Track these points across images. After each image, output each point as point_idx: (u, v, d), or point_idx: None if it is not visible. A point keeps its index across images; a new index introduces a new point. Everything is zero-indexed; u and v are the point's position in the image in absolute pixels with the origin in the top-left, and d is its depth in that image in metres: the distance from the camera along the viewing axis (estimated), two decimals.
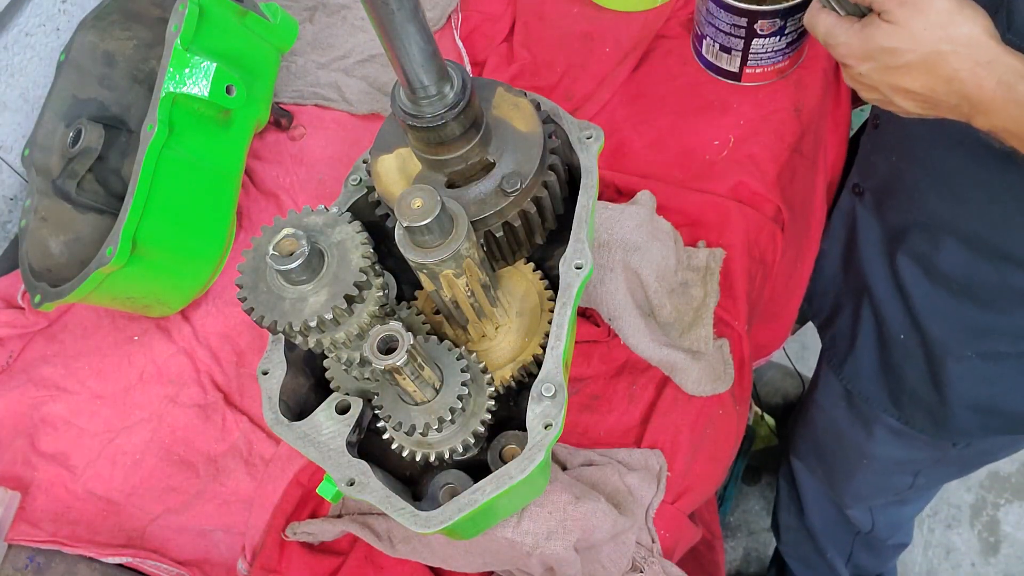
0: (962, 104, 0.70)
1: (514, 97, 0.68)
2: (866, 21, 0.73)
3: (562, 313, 0.67)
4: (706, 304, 0.97)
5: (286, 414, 0.67)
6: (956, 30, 0.68)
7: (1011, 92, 0.66)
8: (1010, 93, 0.66)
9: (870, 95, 0.78)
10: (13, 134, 1.13)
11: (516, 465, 0.62)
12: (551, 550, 0.76)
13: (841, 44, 0.76)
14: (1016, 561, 1.93)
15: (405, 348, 0.57)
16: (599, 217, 0.93)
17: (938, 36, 0.68)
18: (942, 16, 0.68)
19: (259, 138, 1.17)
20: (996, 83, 0.67)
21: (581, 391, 0.94)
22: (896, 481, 1.29)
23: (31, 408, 1.02)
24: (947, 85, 0.70)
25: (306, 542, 0.90)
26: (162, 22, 0.97)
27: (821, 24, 0.77)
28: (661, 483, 0.87)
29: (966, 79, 0.68)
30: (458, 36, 1.23)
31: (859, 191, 1.12)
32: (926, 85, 0.71)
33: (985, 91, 0.68)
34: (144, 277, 0.95)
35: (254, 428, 0.98)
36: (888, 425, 1.15)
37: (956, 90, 0.69)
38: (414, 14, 0.52)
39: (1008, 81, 0.66)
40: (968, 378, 1.00)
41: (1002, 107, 0.67)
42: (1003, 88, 0.66)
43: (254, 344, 1.04)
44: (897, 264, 1.02)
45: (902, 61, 0.71)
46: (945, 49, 0.68)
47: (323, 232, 0.62)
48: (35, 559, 0.93)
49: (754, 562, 1.98)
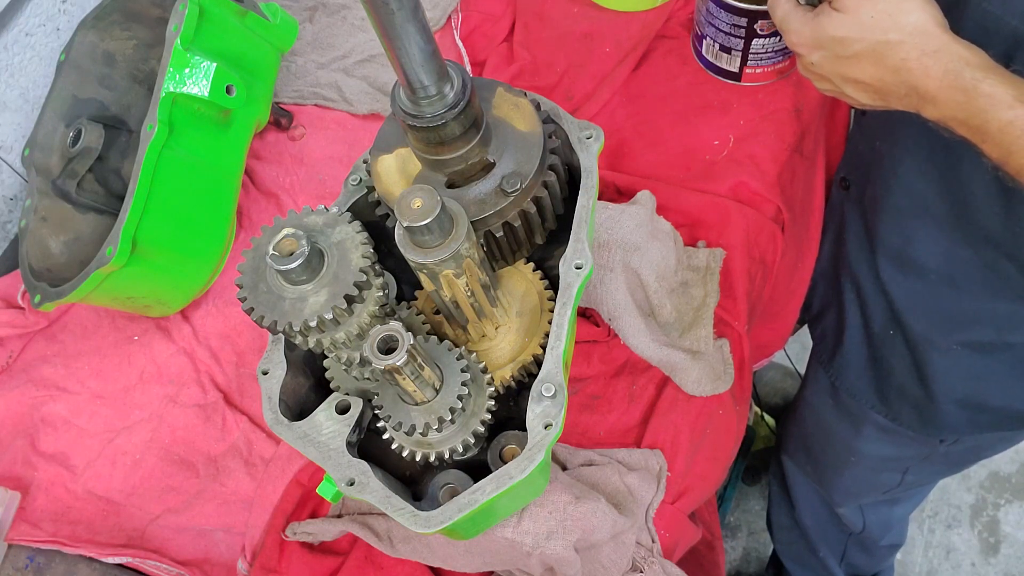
0: (911, 94, 0.70)
1: (514, 97, 0.68)
2: (819, 10, 0.73)
3: (562, 313, 0.67)
4: (706, 304, 0.97)
5: (286, 414, 0.67)
6: (904, 19, 0.68)
7: (958, 80, 0.65)
8: (957, 81, 0.66)
9: (822, 85, 0.78)
10: (13, 134, 1.13)
11: (516, 465, 0.62)
12: (551, 550, 0.76)
13: (793, 32, 0.75)
14: (1016, 561, 1.93)
15: (405, 348, 0.57)
16: (599, 217, 0.93)
17: (886, 25, 0.68)
18: (890, 5, 0.68)
19: (259, 138, 1.17)
20: (943, 72, 0.66)
21: (581, 391, 0.94)
22: (885, 479, 1.29)
23: (31, 408, 1.02)
24: (895, 75, 0.69)
25: (306, 542, 0.90)
26: (162, 22, 0.97)
27: (779, 9, 0.77)
28: (661, 483, 0.87)
29: (914, 68, 0.68)
30: (458, 36, 1.23)
31: (845, 185, 1.13)
32: (875, 75, 0.71)
33: (932, 80, 0.67)
34: (144, 277, 0.95)
35: (254, 428, 0.98)
36: (876, 422, 1.15)
37: (904, 80, 0.69)
38: (414, 14, 0.52)
39: (954, 69, 0.66)
40: (953, 372, 1.00)
41: (949, 96, 0.66)
42: (950, 77, 0.66)
43: (254, 344, 1.04)
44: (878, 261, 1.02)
45: (851, 51, 0.71)
46: (893, 39, 0.68)
47: (323, 232, 0.62)
48: (35, 559, 0.93)
49: (754, 562, 1.99)
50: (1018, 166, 0.65)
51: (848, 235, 1.09)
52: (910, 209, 0.96)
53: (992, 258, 0.90)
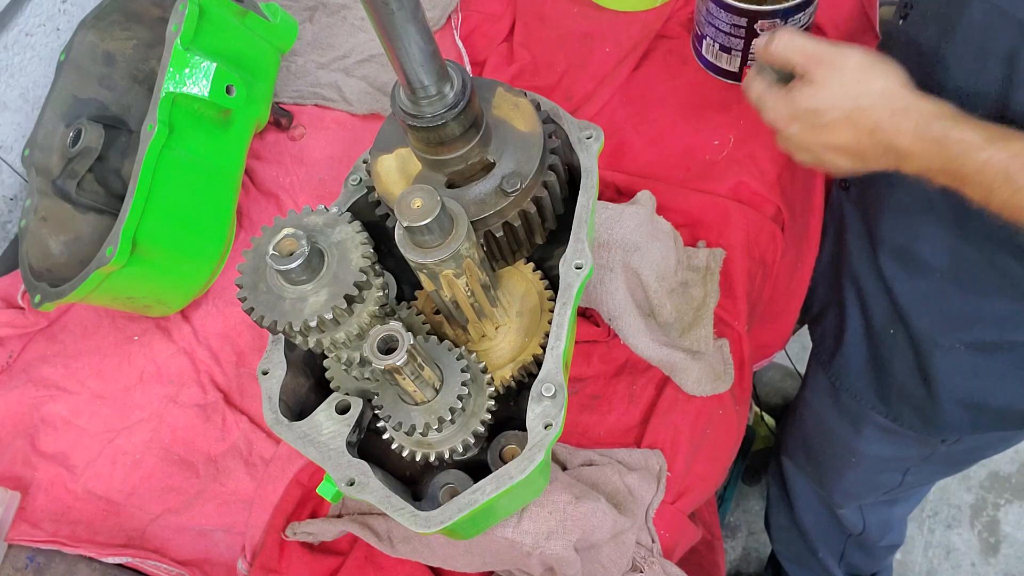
0: (888, 153, 0.74)
1: (514, 97, 0.68)
2: (791, 86, 0.78)
3: (562, 313, 0.67)
4: (706, 304, 0.97)
5: (286, 414, 0.67)
6: (871, 84, 0.72)
7: (929, 132, 0.70)
8: (928, 133, 0.70)
9: (802, 156, 0.81)
10: (13, 134, 1.13)
11: (516, 465, 0.62)
12: (551, 550, 0.76)
13: (770, 109, 0.80)
14: (1016, 561, 1.93)
15: (405, 348, 0.57)
16: (599, 217, 0.93)
17: (856, 92, 0.73)
18: (857, 73, 0.73)
19: (259, 138, 1.17)
20: (914, 127, 0.70)
21: (581, 391, 0.94)
22: (885, 479, 1.29)
23: (31, 408, 1.02)
24: (871, 136, 0.73)
25: (306, 542, 0.90)
26: (162, 22, 0.97)
27: (753, 90, 0.82)
28: (661, 483, 0.87)
29: (887, 128, 0.72)
30: (458, 36, 1.23)
31: (845, 185, 1.13)
32: (852, 138, 0.74)
33: (905, 136, 0.71)
34: (144, 277, 0.95)
35: (254, 428, 0.98)
36: (876, 422, 1.15)
37: (880, 140, 0.73)
38: (414, 14, 0.52)
39: (924, 123, 0.70)
40: (956, 372, 1.00)
41: (923, 148, 0.70)
42: (921, 130, 0.70)
43: (254, 344, 1.04)
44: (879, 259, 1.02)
45: (827, 120, 0.75)
46: (864, 103, 0.72)
47: (323, 232, 0.62)
48: (35, 559, 0.93)
49: (754, 562, 1.99)
50: (1000, 203, 0.68)
51: (849, 235, 1.09)
52: (914, 206, 0.96)
53: (995, 256, 0.90)
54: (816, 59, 0.75)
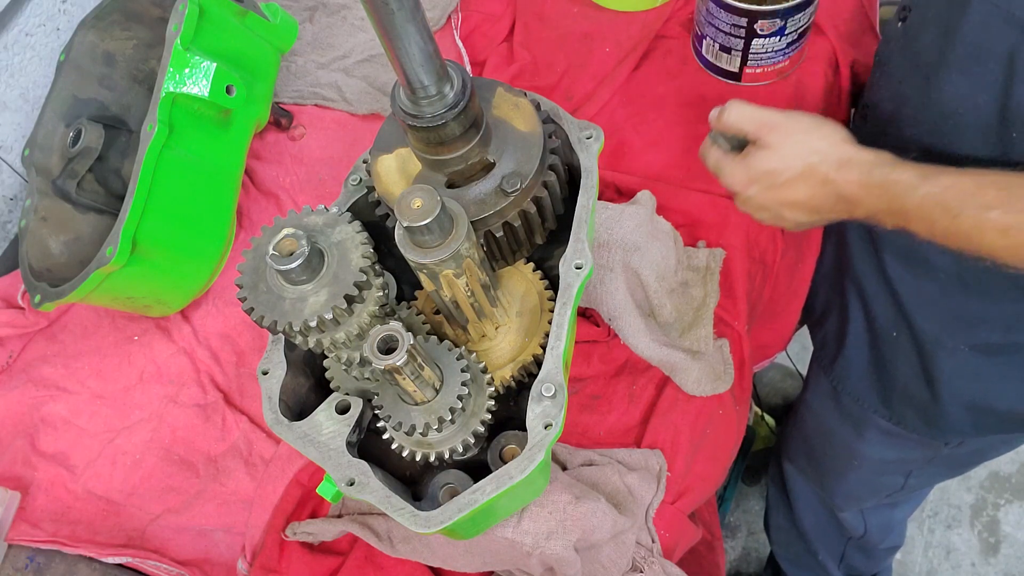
0: (840, 202, 0.80)
1: (514, 97, 0.68)
2: (745, 152, 0.85)
3: (562, 313, 0.67)
4: (706, 304, 0.97)
5: (286, 414, 0.67)
6: (818, 143, 0.80)
7: (871, 179, 0.77)
8: (871, 180, 0.77)
9: (762, 215, 0.87)
10: (13, 134, 1.13)
11: (516, 465, 0.62)
12: (551, 550, 0.76)
13: (727, 174, 0.86)
14: (1016, 561, 1.93)
15: (405, 348, 0.57)
16: (599, 217, 0.93)
17: (805, 151, 0.80)
18: (804, 135, 0.81)
19: (259, 138, 1.17)
20: (858, 176, 0.78)
21: (581, 391, 0.94)
22: (887, 482, 1.29)
23: (31, 408, 1.02)
24: (824, 188, 0.80)
25: (306, 542, 0.90)
26: (162, 22, 0.97)
27: (710, 158, 0.89)
28: (661, 483, 0.87)
29: (836, 179, 0.79)
30: (458, 36, 1.23)
31: None
32: (807, 193, 0.81)
33: (852, 185, 0.78)
34: (144, 277, 0.95)
35: (254, 428, 0.98)
36: (879, 425, 1.14)
37: (831, 191, 0.80)
38: (414, 14, 0.52)
39: (866, 171, 0.77)
40: (960, 374, 1.00)
41: (869, 193, 0.77)
42: (864, 178, 0.77)
43: (254, 344, 1.04)
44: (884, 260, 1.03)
45: (783, 179, 0.82)
46: (813, 160, 0.80)
47: (323, 232, 0.62)
48: (35, 559, 0.93)
49: (753, 562, 1.99)
50: (942, 232, 0.73)
51: (850, 236, 1.09)
52: None
53: None
54: (768, 126, 0.82)
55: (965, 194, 0.72)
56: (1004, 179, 0.71)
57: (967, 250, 0.74)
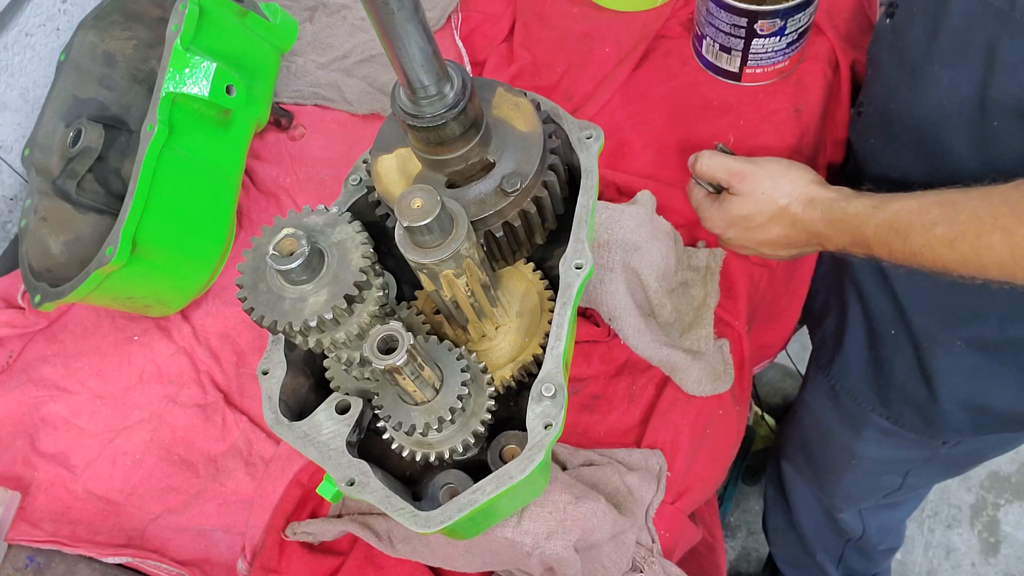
0: (811, 238, 0.87)
1: (514, 97, 0.68)
2: (722, 197, 0.92)
3: (562, 313, 0.67)
4: (706, 304, 0.97)
5: (286, 414, 0.67)
6: (786, 187, 0.87)
7: (833, 214, 0.83)
8: (833, 215, 0.83)
9: (743, 251, 0.95)
10: (13, 134, 1.13)
11: (516, 465, 0.62)
12: (551, 550, 0.76)
13: (707, 218, 0.93)
14: (1016, 561, 1.93)
15: (405, 348, 0.57)
16: (599, 217, 0.93)
17: (775, 196, 0.87)
18: (772, 180, 0.88)
19: (259, 138, 1.17)
20: (822, 213, 0.84)
21: (581, 391, 0.94)
22: (885, 481, 1.29)
23: (31, 408, 1.02)
24: (795, 227, 0.87)
25: (306, 542, 0.90)
26: (162, 22, 0.97)
27: (694, 198, 0.96)
28: (661, 483, 0.87)
29: (804, 218, 0.86)
30: (458, 36, 1.23)
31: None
32: (781, 232, 0.88)
33: (818, 222, 0.84)
34: (144, 277, 0.95)
35: (254, 428, 0.98)
36: (877, 424, 1.14)
37: (803, 229, 0.87)
38: (414, 14, 0.52)
39: (828, 208, 0.84)
40: (957, 372, 1.00)
41: (834, 228, 0.83)
42: (827, 213, 0.84)
43: (254, 344, 1.04)
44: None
45: (757, 222, 0.89)
46: (783, 203, 0.87)
47: (323, 232, 0.62)
48: (35, 559, 0.93)
49: (753, 562, 1.99)
50: (900, 252, 0.77)
51: None
52: None
53: None
54: (738, 175, 0.89)
55: (912, 215, 0.76)
56: (946, 195, 0.75)
57: (925, 267, 0.77)
